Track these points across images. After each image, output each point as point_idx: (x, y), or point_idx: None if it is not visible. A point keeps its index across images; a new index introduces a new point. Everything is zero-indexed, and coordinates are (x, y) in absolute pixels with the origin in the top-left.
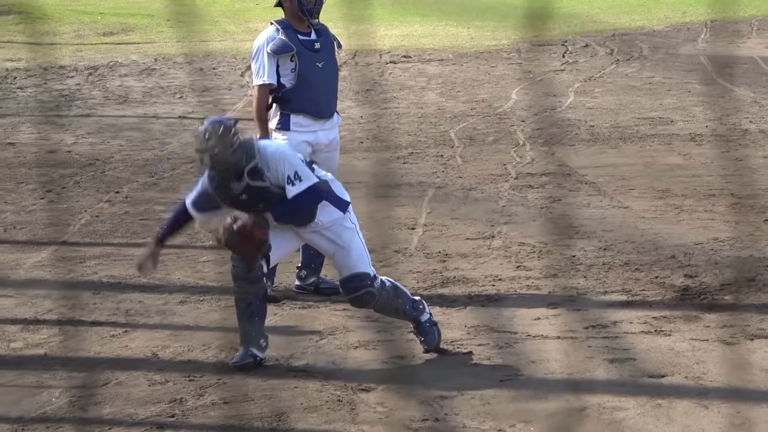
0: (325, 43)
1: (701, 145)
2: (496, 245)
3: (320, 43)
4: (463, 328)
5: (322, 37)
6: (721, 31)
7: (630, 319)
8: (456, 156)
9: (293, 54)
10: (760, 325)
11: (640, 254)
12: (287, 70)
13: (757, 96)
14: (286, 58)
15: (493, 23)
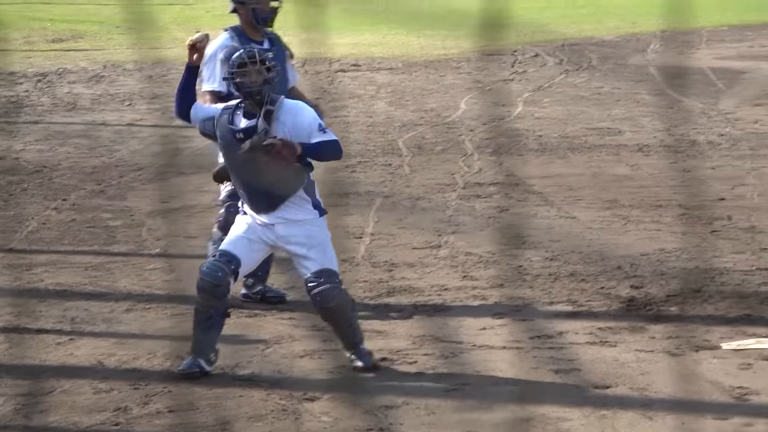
0: (276, 52)
1: (649, 156)
2: (443, 255)
3: (272, 53)
4: (409, 337)
5: (274, 47)
6: (671, 41)
7: (575, 330)
8: (404, 165)
9: None
10: (705, 336)
11: (587, 265)
12: None
13: (706, 107)
14: None
15: (443, 32)
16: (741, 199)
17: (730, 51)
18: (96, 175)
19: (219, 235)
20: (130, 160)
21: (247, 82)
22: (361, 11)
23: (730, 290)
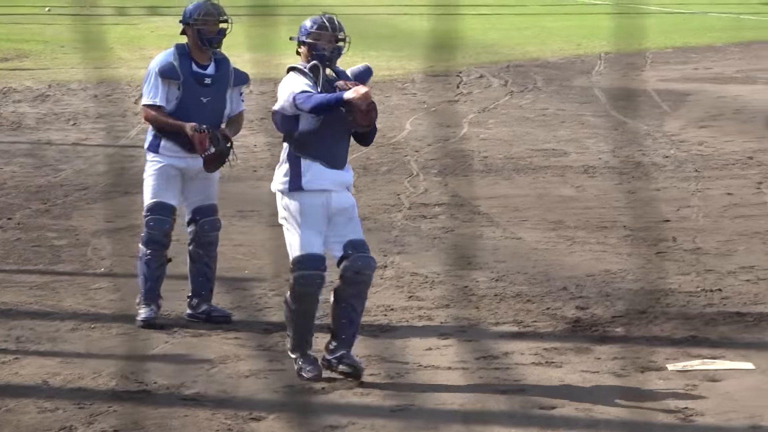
0: (218, 78)
1: (594, 177)
2: (389, 275)
3: (212, 79)
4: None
5: (218, 72)
6: (616, 63)
7: (521, 350)
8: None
9: (180, 83)
10: (650, 357)
11: (532, 285)
12: (172, 96)
13: (651, 128)
14: (173, 85)
15: (387, 53)
16: (686, 220)
17: (675, 73)
18: (41, 195)
19: (144, 250)
20: (76, 179)
21: (320, 45)
22: None
23: (675, 311)
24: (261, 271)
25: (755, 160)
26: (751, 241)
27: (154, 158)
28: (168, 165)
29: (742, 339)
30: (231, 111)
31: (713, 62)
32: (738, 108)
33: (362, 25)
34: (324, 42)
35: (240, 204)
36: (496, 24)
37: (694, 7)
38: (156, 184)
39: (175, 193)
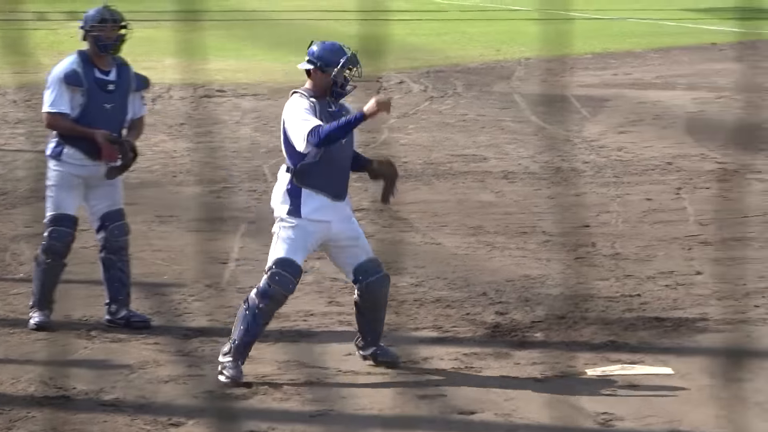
0: (120, 85)
1: (514, 183)
2: (309, 281)
3: (115, 85)
4: (275, 362)
5: (120, 78)
6: (536, 68)
7: (441, 356)
8: (269, 191)
9: (84, 90)
10: (570, 362)
11: (452, 291)
12: (76, 104)
13: (570, 134)
14: (77, 92)
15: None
16: (605, 225)
17: (595, 78)
18: None
19: (43, 258)
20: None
21: (340, 80)
22: (227, 37)
23: (594, 317)
24: (180, 277)
25: (674, 166)
26: (670, 247)
27: (56, 166)
28: (70, 173)
29: (661, 344)
30: (133, 115)
31: (633, 68)
32: (657, 113)
33: (284, 30)
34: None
35: (159, 209)
36: (416, 29)
37: (614, 13)
38: (58, 195)
39: (77, 203)
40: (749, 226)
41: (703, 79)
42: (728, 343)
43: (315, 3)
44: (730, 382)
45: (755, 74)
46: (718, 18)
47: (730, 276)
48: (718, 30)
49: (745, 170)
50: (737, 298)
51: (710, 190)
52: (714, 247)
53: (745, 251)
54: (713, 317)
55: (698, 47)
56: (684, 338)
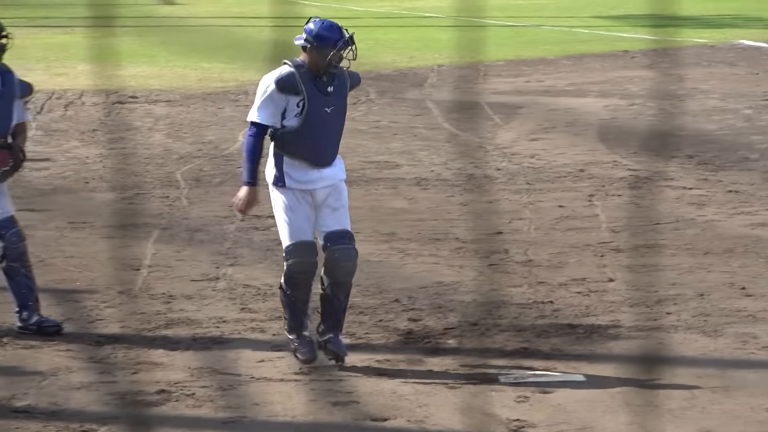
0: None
1: (427, 190)
2: (221, 287)
3: (0, 93)
4: (187, 369)
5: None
6: (449, 75)
7: (354, 362)
8: (182, 197)
9: None
10: (482, 369)
11: (365, 297)
12: None
13: (483, 141)
14: None
15: (220, 65)
16: (518, 232)
17: (507, 85)
18: None
19: None
20: None
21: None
22: (139, 43)
23: (507, 323)
24: (93, 283)
25: (587, 173)
26: (583, 254)
27: None
28: None
29: (573, 351)
30: (17, 121)
31: (545, 75)
32: (570, 121)
33: (197, 36)
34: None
35: (72, 215)
36: None
37: (526, 21)
38: None
39: None
40: (661, 233)
41: (615, 87)
42: (641, 350)
43: (227, 9)
44: (643, 389)
45: (667, 82)
46: (631, 25)
47: (642, 283)
48: (630, 37)
49: (657, 177)
50: (649, 305)
51: (622, 198)
52: (626, 254)
53: (657, 258)
54: (625, 324)
55: (611, 54)
56: (596, 345)
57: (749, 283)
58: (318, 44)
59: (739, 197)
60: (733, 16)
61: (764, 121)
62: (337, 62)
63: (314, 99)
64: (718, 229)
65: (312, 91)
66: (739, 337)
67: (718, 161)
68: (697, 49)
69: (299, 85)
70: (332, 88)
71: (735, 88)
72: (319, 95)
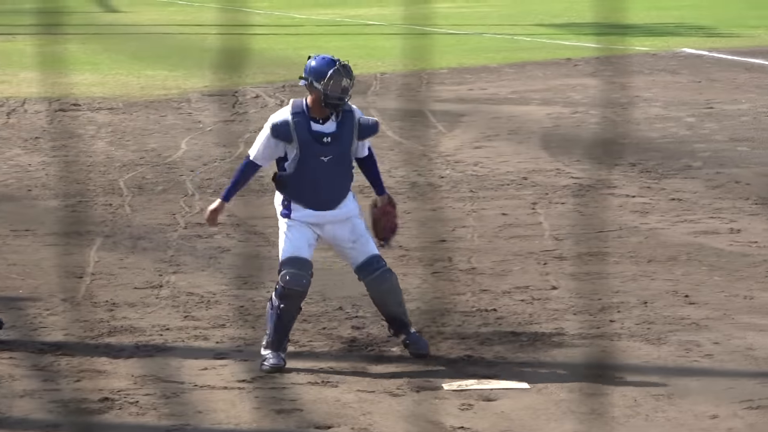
0: None
1: (370, 197)
2: (165, 295)
3: None
4: (131, 377)
5: None
6: (392, 83)
7: (297, 370)
8: (125, 205)
9: None
10: (426, 376)
11: (308, 305)
12: None
13: (426, 149)
14: None
15: (163, 72)
16: (461, 240)
17: (450, 93)
18: None
19: None
20: None
21: (333, 93)
22: (83, 51)
23: (450, 331)
24: (36, 291)
25: (530, 181)
26: (526, 261)
27: None
28: None
29: (517, 358)
30: None
31: (488, 83)
32: (513, 129)
33: (138, 43)
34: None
35: (14, 223)
36: (272, 44)
37: (469, 28)
38: None
39: None
40: (605, 240)
41: (558, 95)
42: (584, 358)
43: (171, 17)
44: (587, 397)
45: (610, 90)
46: (574, 33)
47: (585, 291)
48: (573, 45)
49: (600, 185)
50: (593, 313)
51: (566, 205)
52: (570, 262)
53: (600, 266)
54: (569, 332)
55: (553, 62)
56: (540, 353)
57: (692, 290)
58: (314, 78)
59: (682, 205)
60: (675, 24)
61: (707, 129)
62: (337, 96)
63: (308, 147)
64: (661, 237)
65: (305, 139)
66: (682, 344)
67: (661, 169)
68: (639, 57)
69: (292, 134)
70: (330, 138)
71: (677, 96)
72: (313, 143)
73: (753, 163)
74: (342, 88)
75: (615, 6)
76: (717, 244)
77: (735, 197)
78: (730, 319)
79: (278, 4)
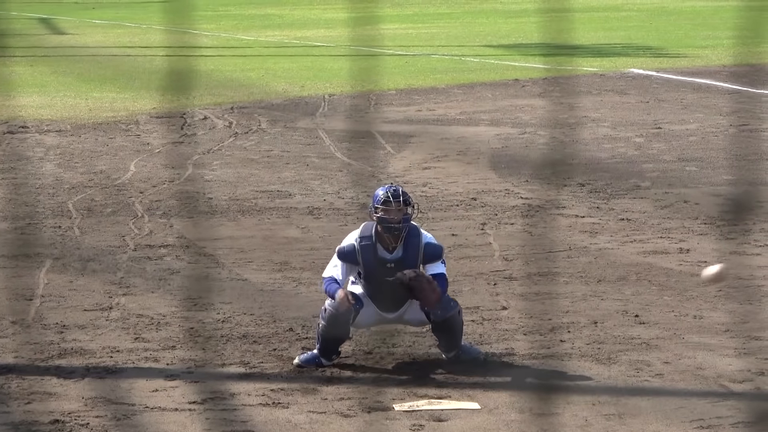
0: None
1: (319, 219)
2: (114, 317)
3: None
4: (81, 399)
5: None
6: (340, 104)
7: (248, 392)
8: (74, 227)
9: None
10: (377, 397)
11: (259, 327)
12: None
13: (375, 170)
14: None
15: (111, 94)
16: None
17: (399, 114)
18: None
19: None
20: None
21: (388, 218)
22: (30, 73)
23: (401, 352)
24: None
25: (479, 201)
26: (476, 282)
27: None
28: None
29: (467, 379)
30: None
31: (436, 104)
32: (461, 149)
33: (86, 65)
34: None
35: None
36: (219, 66)
37: (417, 49)
38: None
39: None
40: (554, 261)
41: (506, 115)
42: (535, 378)
43: (117, 39)
44: (537, 417)
45: (558, 110)
46: (522, 54)
47: (535, 311)
48: (521, 66)
49: (549, 206)
50: (543, 332)
51: (515, 226)
52: (519, 282)
53: (550, 286)
54: (520, 352)
55: (501, 83)
56: (491, 373)
57: (642, 310)
58: (373, 206)
59: (631, 225)
60: (622, 44)
61: (655, 149)
62: (395, 223)
63: (372, 271)
64: (611, 257)
65: (370, 263)
66: (632, 364)
67: (609, 189)
68: (587, 78)
69: (357, 257)
70: (393, 264)
71: (626, 117)
72: (377, 267)
73: (702, 183)
74: (393, 213)
75: (562, 27)
76: (666, 263)
77: (684, 217)
78: (679, 338)
79: (225, 26)
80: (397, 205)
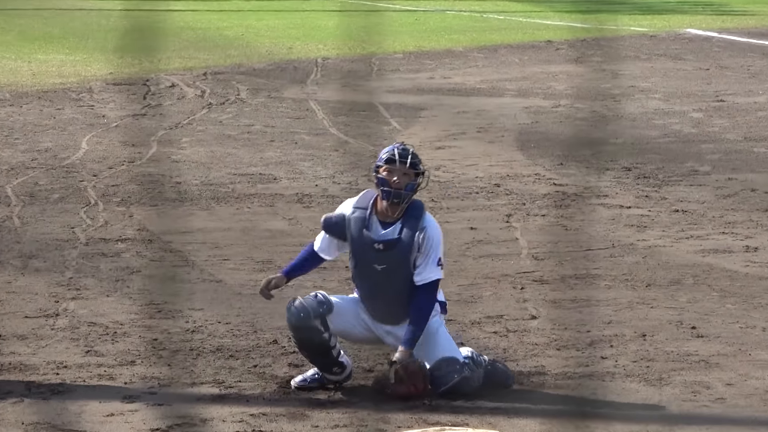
0: None
1: (310, 208)
2: (62, 325)
3: None
4: (20, 425)
5: None
6: (336, 70)
7: (223, 417)
8: (13, 217)
9: None
10: (379, 425)
11: (236, 338)
12: None
13: (377, 149)
14: None
15: (59, 56)
16: None
17: (407, 83)
18: None
19: None
20: None
21: (389, 180)
22: None
23: None
24: None
25: (503, 189)
26: (499, 286)
27: None
28: None
29: (488, 403)
30: None
31: (452, 70)
32: (482, 125)
33: (27, 21)
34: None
35: None
36: (191, 22)
37: (429, 4)
38: None
39: None
40: (594, 261)
41: (536, 84)
42: (570, 402)
43: None
44: None
45: (600, 79)
46: (555, 11)
47: (571, 321)
48: (554, 25)
49: (588, 194)
50: (580, 347)
51: (546, 218)
52: (551, 286)
53: (589, 291)
54: (552, 371)
55: (531, 45)
56: (516, 396)
57: (700, 321)
58: (374, 168)
59: (687, 218)
60: (678, 0)
61: (716, 126)
62: (388, 183)
63: (361, 251)
64: (662, 257)
65: (358, 241)
66: (688, 386)
67: (661, 174)
68: (635, 39)
69: (346, 232)
70: (382, 245)
71: (681, 87)
72: (366, 248)
73: None
74: (397, 175)
75: None
76: (729, 264)
77: (751, 208)
78: (745, 355)
79: None
80: (403, 167)
